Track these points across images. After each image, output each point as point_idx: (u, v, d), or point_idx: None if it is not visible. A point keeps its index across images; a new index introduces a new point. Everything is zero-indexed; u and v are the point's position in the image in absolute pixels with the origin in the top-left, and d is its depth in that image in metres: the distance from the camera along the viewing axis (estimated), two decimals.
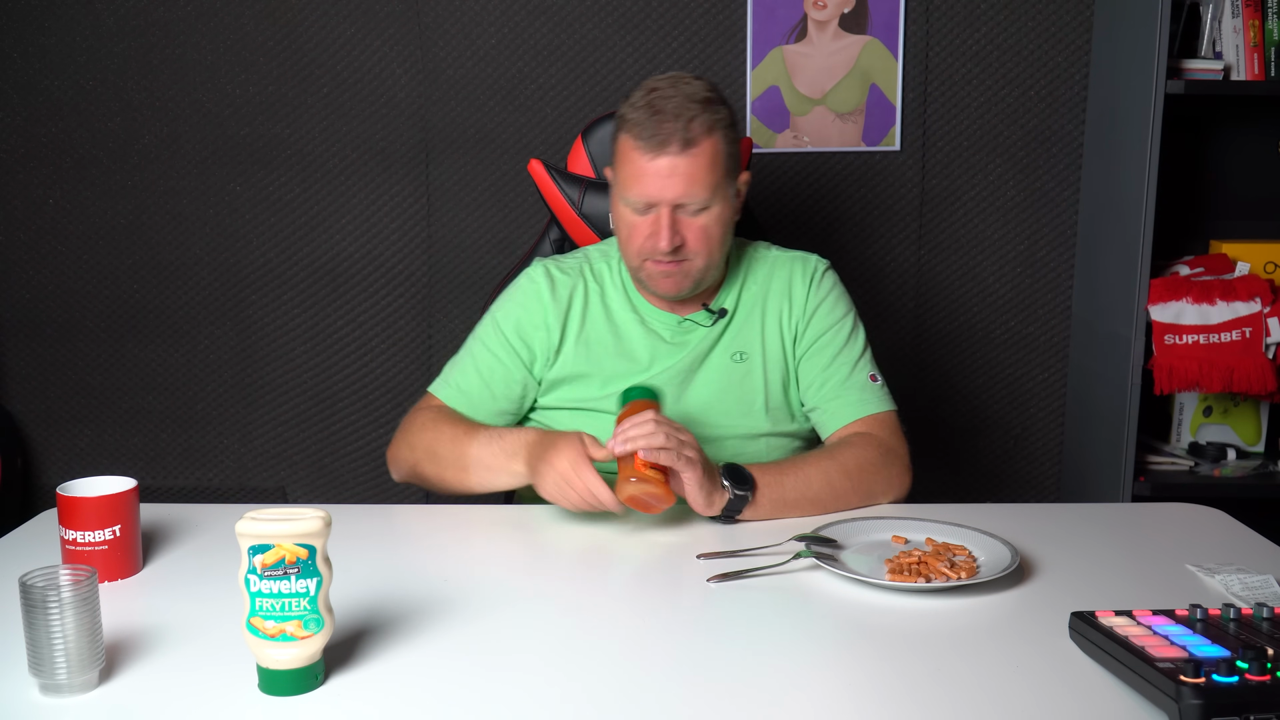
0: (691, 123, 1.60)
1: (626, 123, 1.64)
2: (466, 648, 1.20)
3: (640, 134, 1.61)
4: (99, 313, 2.70)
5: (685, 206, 1.63)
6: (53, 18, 2.57)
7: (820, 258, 1.82)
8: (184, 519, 1.56)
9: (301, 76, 2.58)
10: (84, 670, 1.08)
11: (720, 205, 1.65)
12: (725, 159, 1.65)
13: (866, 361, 1.76)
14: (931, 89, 2.58)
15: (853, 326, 1.78)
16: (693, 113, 1.61)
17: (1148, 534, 1.58)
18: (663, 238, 1.62)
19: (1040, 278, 2.67)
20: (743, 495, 1.52)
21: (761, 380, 1.74)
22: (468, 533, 1.57)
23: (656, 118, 1.60)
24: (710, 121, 1.62)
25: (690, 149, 1.60)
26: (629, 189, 1.64)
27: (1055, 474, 2.75)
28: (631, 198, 1.64)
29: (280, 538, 1.07)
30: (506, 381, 1.73)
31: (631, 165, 1.63)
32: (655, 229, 1.63)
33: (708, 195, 1.63)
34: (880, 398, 1.74)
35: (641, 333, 1.74)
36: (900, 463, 1.67)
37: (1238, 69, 2.36)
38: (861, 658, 1.18)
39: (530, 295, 1.75)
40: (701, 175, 1.61)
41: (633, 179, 1.63)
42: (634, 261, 1.68)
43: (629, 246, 1.68)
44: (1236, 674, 1.00)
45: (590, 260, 1.80)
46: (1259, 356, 2.36)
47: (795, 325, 1.76)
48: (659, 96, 1.62)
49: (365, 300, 2.67)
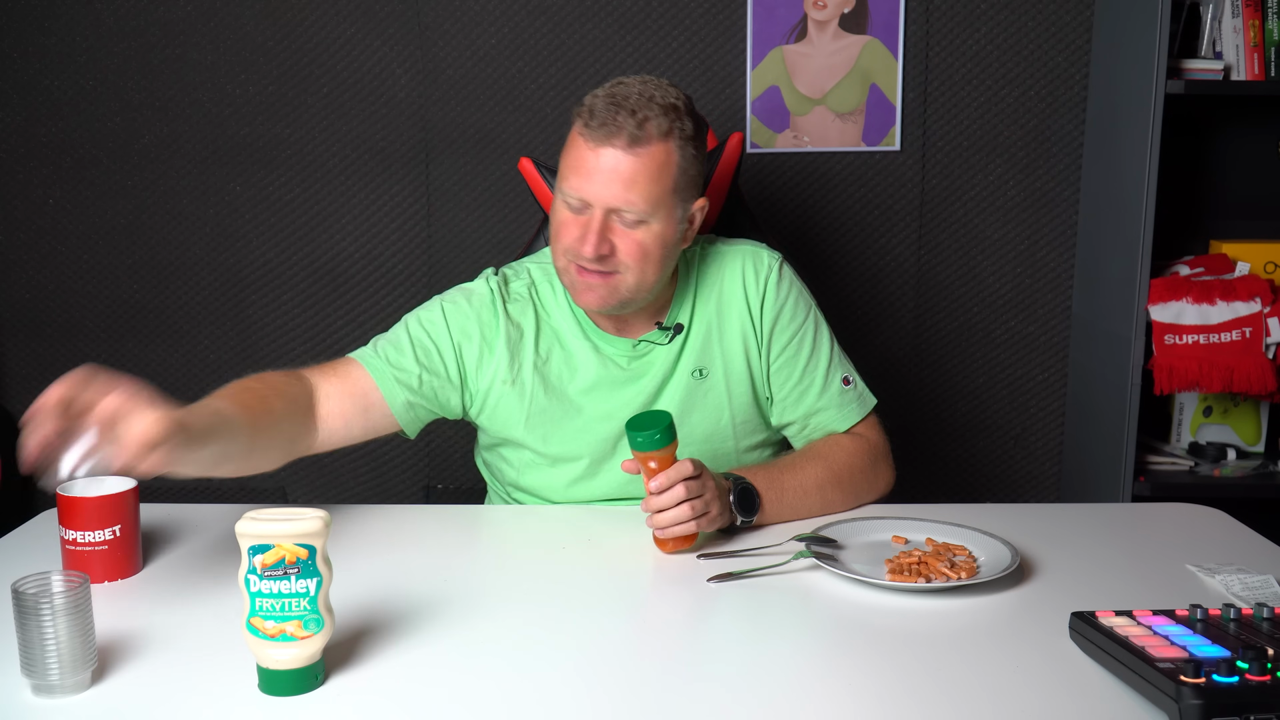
0: (647, 122, 1.47)
1: (581, 108, 1.52)
2: (467, 648, 1.20)
3: (590, 120, 1.48)
4: (99, 313, 2.70)
5: (621, 214, 1.49)
6: (53, 18, 2.57)
7: (770, 250, 1.69)
8: (184, 519, 1.56)
9: (301, 76, 2.58)
10: (76, 671, 1.09)
11: (662, 224, 1.51)
12: (677, 172, 1.51)
13: (837, 364, 1.67)
14: (931, 89, 2.58)
15: (816, 328, 1.67)
16: (652, 112, 1.48)
17: (1148, 534, 1.58)
18: (587, 242, 1.48)
19: (1040, 278, 2.67)
20: (747, 521, 1.51)
21: (725, 397, 1.64)
22: (468, 533, 1.57)
23: (611, 108, 1.48)
24: (668, 126, 1.49)
25: (637, 147, 1.47)
26: (566, 179, 1.51)
27: (1055, 474, 2.75)
28: (567, 190, 1.51)
29: (280, 538, 1.07)
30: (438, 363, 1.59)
31: (574, 153, 1.50)
32: (584, 231, 1.50)
33: (647, 207, 1.49)
34: (858, 403, 1.68)
35: (597, 362, 1.62)
36: (885, 461, 1.67)
37: (1238, 69, 2.36)
38: (861, 658, 1.18)
39: (485, 305, 1.62)
40: (644, 182, 1.48)
41: (571, 169, 1.50)
42: (560, 262, 1.56)
43: (556, 243, 1.55)
44: (1236, 674, 1.00)
45: (535, 283, 1.65)
46: (1259, 356, 2.36)
47: (758, 335, 1.65)
48: (622, 89, 1.51)
49: (365, 300, 2.67)
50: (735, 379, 1.65)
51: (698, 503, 1.41)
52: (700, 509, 1.42)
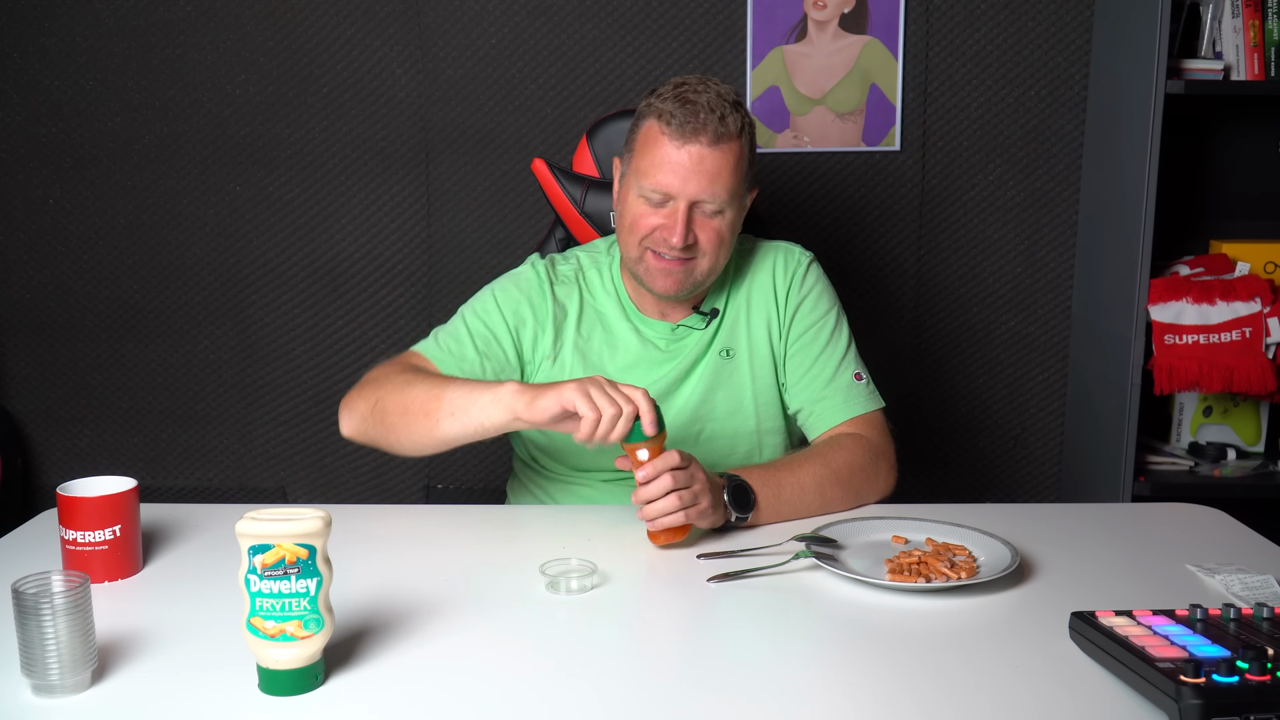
0: (725, 119, 1.57)
1: (655, 110, 1.60)
2: (467, 648, 1.20)
3: (671, 120, 1.57)
4: (99, 313, 2.70)
5: (703, 205, 1.60)
6: (53, 18, 2.57)
7: (804, 249, 1.79)
8: (184, 519, 1.56)
9: (301, 76, 2.58)
10: (76, 671, 1.09)
11: (734, 212, 1.63)
12: (747, 166, 1.63)
13: (851, 360, 1.74)
14: (931, 89, 2.58)
15: (835, 323, 1.75)
16: (725, 109, 1.58)
17: (1148, 534, 1.58)
18: (676, 233, 1.58)
19: (1040, 278, 2.67)
20: (743, 518, 1.52)
21: (749, 376, 1.72)
22: (467, 533, 1.57)
23: (689, 107, 1.57)
24: (741, 123, 1.60)
25: (720, 144, 1.57)
26: (649, 176, 1.59)
27: (1055, 474, 2.75)
28: (650, 186, 1.59)
29: (280, 538, 1.07)
30: (498, 350, 1.68)
31: (656, 151, 1.59)
32: (669, 221, 1.59)
33: (727, 197, 1.60)
34: (866, 397, 1.72)
35: (637, 343, 1.72)
36: (887, 462, 1.67)
37: (1238, 69, 2.36)
38: (861, 658, 1.18)
39: (534, 288, 1.71)
40: (726, 175, 1.59)
41: (654, 166, 1.59)
42: (634, 252, 1.65)
43: (631, 235, 1.63)
44: (1236, 674, 1.00)
45: (583, 268, 1.76)
46: (1259, 356, 2.36)
47: (781, 321, 1.74)
48: (690, 90, 1.59)
49: (365, 300, 2.67)
50: (759, 360, 1.73)
51: (685, 493, 1.42)
52: (689, 500, 1.42)
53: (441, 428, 1.48)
